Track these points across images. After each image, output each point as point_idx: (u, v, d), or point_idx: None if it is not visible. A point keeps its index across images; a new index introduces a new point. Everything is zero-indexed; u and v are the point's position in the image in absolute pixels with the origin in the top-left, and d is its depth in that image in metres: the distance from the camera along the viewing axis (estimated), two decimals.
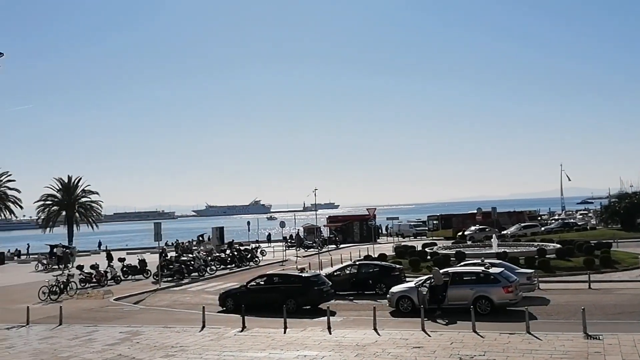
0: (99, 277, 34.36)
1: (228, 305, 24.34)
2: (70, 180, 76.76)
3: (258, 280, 25.06)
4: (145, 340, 17.45)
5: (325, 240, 61.53)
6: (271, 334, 17.67)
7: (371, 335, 16.94)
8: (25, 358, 15.89)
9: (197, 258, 39.84)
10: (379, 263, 30.11)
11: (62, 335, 18.96)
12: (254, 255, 45.49)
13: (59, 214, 76.12)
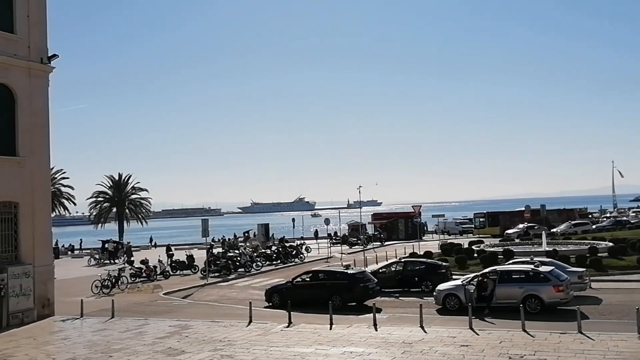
0: (149, 272, 35.17)
1: (274, 301, 24.58)
2: (121, 178, 78.67)
3: (304, 276, 25.21)
4: (194, 334, 17.76)
5: (370, 238, 61.40)
6: (317, 330, 17.75)
7: (418, 332, 16.83)
8: (79, 349, 16.39)
9: (243, 254, 40.35)
10: (425, 260, 29.88)
11: (114, 327, 19.47)
12: (299, 252, 45.77)
13: (110, 211, 78.11)
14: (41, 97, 22.97)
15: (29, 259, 21.82)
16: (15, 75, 21.93)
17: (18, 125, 22.06)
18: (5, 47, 21.62)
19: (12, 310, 20.32)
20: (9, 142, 21.84)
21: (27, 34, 22.44)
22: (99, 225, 77.95)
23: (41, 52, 22.91)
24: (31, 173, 22.37)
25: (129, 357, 15.18)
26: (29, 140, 22.32)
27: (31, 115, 22.44)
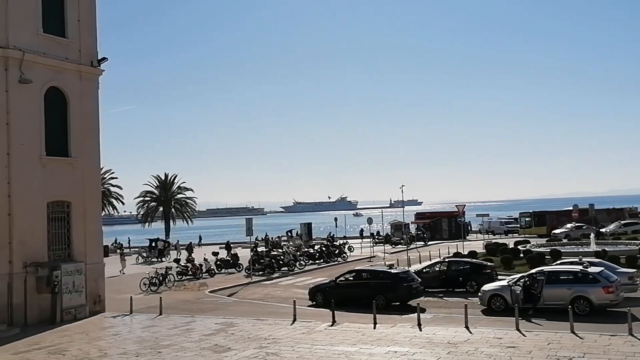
0: (195, 270, 35.79)
1: (318, 300, 24.70)
2: (167, 178, 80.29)
3: (347, 275, 25.26)
4: (240, 332, 18.02)
5: (412, 237, 61.01)
6: (361, 329, 17.78)
7: (463, 333, 16.68)
8: (129, 345, 16.84)
9: (287, 253, 40.66)
10: (470, 260, 29.54)
11: (162, 324, 19.91)
12: (342, 251, 45.84)
13: (157, 210, 79.81)
14: (91, 99, 23.66)
15: (81, 256, 22.52)
16: (67, 78, 22.66)
17: (70, 127, 22.79)
18: (58, 51, 22.35)
19: (65, 306, 21.01)
20: (62, 144, 22.58)
21: (77, 38, 23.14)
22: (146, 224, 79.74)
23: (91, 56, 23.60)
24: (82, 173, 23.07)
25: (177, 353, 15.51)
26: (80, 142, 23.02)
27: (82, 117, 23.14)
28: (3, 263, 20.12)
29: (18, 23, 20.94)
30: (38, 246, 21.22)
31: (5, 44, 20.49)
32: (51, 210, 22.01)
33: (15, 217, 20.51)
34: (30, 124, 21.25)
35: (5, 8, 20.59)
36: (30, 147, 21.21)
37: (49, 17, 22.14)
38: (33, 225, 21.09)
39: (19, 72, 20.72)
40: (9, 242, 20.31)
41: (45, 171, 21.69)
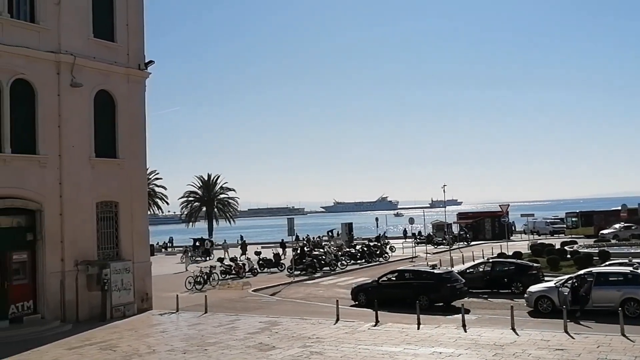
0: (238, 269, 36.24)
1: (360, 300, 24.71)
2: (210, 178, 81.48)
3: (389, 275, 25.20)
4: (284, 331, 18.18)
5: (455, 237, 60.36)
6: (405, 330, 17.72)
7: (509, 335, 16.44)
8: (177, 342, 17.17)
9: (328, 253, 40.76)
10: (515, 261, 29.07)
11: (207, 322, 20.23)
12: (383, 251, 45.70)
13: (200, 210, 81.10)
14: (138, 102, 24.21)
15: (128, 255, 23.08)
16: (116, 81, 23.24)
17: (118, 129, 23.37)
18: (107, 55, 22.95)
19: (114, 303, 21.56)
20: (110, 145, 23.17)
21: (126, 42, 23.72)
22: (189, 224, 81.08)
23: (139, 59, 24.14)
24: (130, 174, 23.63)
25: (222, 351, 15.75)
26: (128, 143, 23.58)
27: (129, 119, 23.70)
28: (56, 261, 20.78)
29: (70, 29, 21.59)
30: (88, 245, 21.84)
31: (57, 49, 21.16)
32: (100, 210, 22.63)
33: (66, 216, 21.16)
34: (81, 126, 21.88)
35: (57, 15, 21.26)
36: (81, 149, 21.83)
37: (99, 22, 22.75)
38: (83, 224, 21.72)
39: (71, 76, 21.36)
40: (61, 241, 20.95)
41: (94, 172, 22.31)
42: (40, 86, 20.70)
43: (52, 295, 20.57)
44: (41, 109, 20.72)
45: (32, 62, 20.50)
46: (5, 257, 19.54)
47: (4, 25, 19.81)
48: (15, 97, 20.03)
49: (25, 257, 20.21)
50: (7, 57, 19.71)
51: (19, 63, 20.11)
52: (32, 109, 20.59)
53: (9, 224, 20.04)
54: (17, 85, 20.12)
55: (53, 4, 21.20)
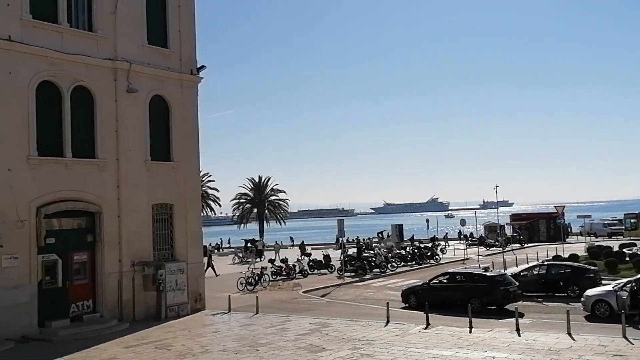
0: (288, 270, 36.55)
1: (411, 302, 24.58)
2: (261, 180, 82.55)
3: (440, 278, 24.97)
4: (334, 332, 18.25)
5: (508, 239, 59.23)
6: (456, 333, 17.53)
7: (565, 339, 16.05)
8: (229, 342, 17.48)
9: (378, 254, 40.65)
10: (571, 264, 28.34)
11: (259, 323, 20.49)
12: (434, 253, 45.28)
13: (251, 211, 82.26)
14: (191, 106, 24.76)
15: (182, 256, 23.62)
16: (169, 86, 23.85)
17: (172, 132, 23.96)
18: (161, 61, 23.58)
19: (169, 303, 22.10)
20: (164, 149, 23.77)
21: (178, 48, 24.31)
22: (241, 225, 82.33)
23: (191, 64, 24.71)
24: (183, 177, 24.19)
25: (274, 351, 15.94)
26: (181, 147, 24.15)
27: (183, 123, 24.27)
28: (113, 262, 21.47)
29: (125, 36, 22.29)
30: (144, 246, 22.48)
31: (114, 56, 21.88)
32: (156, 212, 23.25)
33: (123, 218, 21.83)
34: (136, 130, 22.54)
35: (114, 23, 21.99)
36: (137, 153, 22.49)
37: (152, 30, 23.40)
38: (140, 226, 22.37)
39: (127, 82, 22.04)
40: (119, 242, 21.63)
41: (149, 175, 22.93)
42: (98, 92, 21.44)
43: (110, 295, 21.27)
44: (99, 114, 21.45)
45: (91, 70, 21.26)
46: (67, 258, 20.31)
47: (64, 35, 20.61)
48: (75, 103, 20.79)
49: (85, 258, 20.95)
50: (67, 65, 20.51)
51: (79, 70, 20.88)
52: (91, 115, 21.34)
53: (70, 225, 20.81)
54: (76, 92, 20.88)
55: (109, 13, 21.93)
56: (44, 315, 19.29)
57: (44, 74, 19.87)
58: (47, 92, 20.09)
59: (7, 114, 18.81)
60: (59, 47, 20.29)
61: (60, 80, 20.38)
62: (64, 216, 20.43)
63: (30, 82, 19.47)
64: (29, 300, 18.94)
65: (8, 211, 18.60)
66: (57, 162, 20.15)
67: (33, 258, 19.18)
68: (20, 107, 19.21)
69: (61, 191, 20.14)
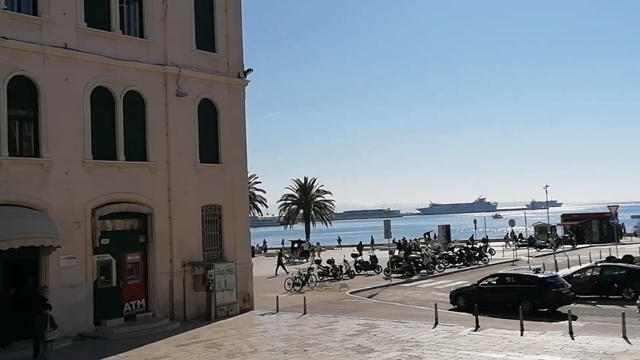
0: (335, 271, 36.61)
1: (459, 304, 24.29)
2: (307, 181, 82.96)
3: (490, 279, 24.58)
4: (382, 334, 18.20)
5: (559, 240, 57.81)
6: (507, 335, 17.24)
7: (620, 343, 15.59)
8: (277, 342, 17.65)
9: (425, 255, 40.30)
10: (626, 265, 27.44)
11: (306, 323, 20.61)
12: (482, 254, 44.61)
13: (297, 212, 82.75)
14: (239, 109, 25.12)
15: (231, 257, 23.98)
16: (217, 90, 24.25)
17: (220, 135, 24.36)
18: (209, 65, 24.01)
19: (219, 303, 22.47)
20: (213, 151, 24.18)
21: (226, 52, 24.70)
22: (287, 226, 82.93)
23: (238, 68, 25.06)
24: (231, 178, 24.55)
25: (322, 352, 16.02)
26: (229, 149, 24.52)
27: (230, 125, 24.64)
28: (165, 262, 21.97)
29: (175, 42, 22.80)
30: (194, 247, 22.92)
31: (164, 61, 22.40)
32: (205, 214, 23.67)
33: (174, 219, 22.32)
34: (186, 133, 23.00)
35: (164, 29, 22.52)
36: (186, 155, 22.95)
37: (200, 34, 23.85)
38: (190, 227, 22.82)
39: (176, 86, 22.54)
40: (170, 242, 22.12)
41: (199, 177, 23.37)
42: (149, 97, 21.99)
43: (162, 295, 21.76)
44: (150, 118, 22.00)
45: (142, 75, 21.82)
46: (120, 258, 20.90)
47: (116, 41, 21.23)
48: (127, 108, 21.38)
49: (137, 258, 21.50)
50: (120, 70, 21.13)
51: (130, 76, 21.47)
52: (142, 119, 21.90)
53: (123, 226, 21.41)
54: (128, 97, 21.47)
55: (160, 19, 22.47)
56: (99, 313, 19.92)
57: (98, 79, 20.52)
58: (101, 97, 20.74)
59: (63, 119, 19.51)
60: (112, 54, 20.92)
61: (113, 85, 21.01)
62: (117, 217, 21.03)
63: (85, 88, 20.14)
64: (85, 299, 19.59)
65: (65, 213, 19.28)
66: (111, 165, 20.78)
67: (89, 258, 19.82)
68: (76, 112, 19.90)
69: (115, 193, 20.75)
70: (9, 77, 18.36)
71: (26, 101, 19.01)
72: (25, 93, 18.92)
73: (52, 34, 19.42)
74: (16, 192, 18.27)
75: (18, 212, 17.92)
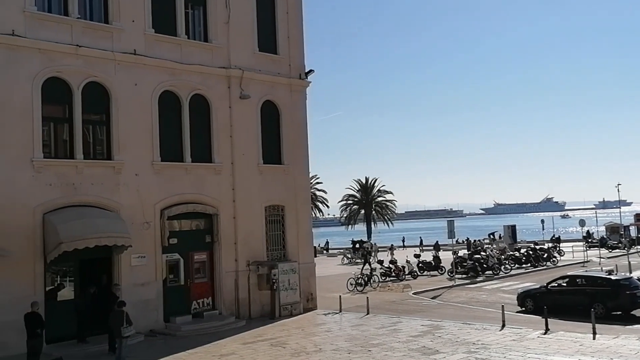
0: (398, 271, 36.35)
1: (527, 306, 23.68)
2: (368, 181, 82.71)
3: (559, 281, 23.84)
4: (447, 335, 17.95)
5: (633, 240, 55.36)
6: (578, 339, 16.66)
7: None
8: (341, 342, 17.68)
9: (491, 256, 39.45)
10: None
11: (370, 323, 20.55)
12: (550, 255, 43.27)
13: (359, 213, 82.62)
14: (300, 110, 25.33)
15: (294, 256, 24.21)
16: (279, 91, 24.54)
17: (282, 136, 24.65)
18: (271, 67, 24.33)
19: (282, 302, 22.72)
20: (275, 152, 24.49)
21: (287, 54, 24.96)
22: (348, 227, 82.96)
23: (300, 69, 25.28)
24: (294, 179, 24.78)
25: (386, 352, 15.94)
26: (291, 150, 24.77)
27: (292, 126, 24.88)
28: (230, 261, 22.40)
29: (238, 45, 23.22)
30: (258, 246, 23.27)
31: (227, 64, 22.86)
32: (268, 214, 23.99)
33: (239, 220, 22.73)
34: (249, 135, 23.38)
35: (227, 33, 22.98)
36: (250, 157, 23.33)
37: (263, 37, 24.20)
38: (254, 227, 23.19)
39: (240, 89, 22.95)
40: (235, 242, 22.55)
41: (262, 178, 23.71)
42: (213, 100, 22.48)
43: (228, 293, 22.21)
44: (215, 120, 22.49)
45: (207, 78, 22.33)
46: (188, 257, 21.46)
47: (182, 46, 21.82)
48: (192, 110, 21.94)
49: (204, 258, 22.03)
50: (186, 75, 21.70)
51: (196, 79, 22.02)
52: (207, 121, 22.41)
53: (190, 227, 21.98)
54: (194, 100, 22.03)
55: (223, 23, 22.93)
56: (169, 311, 20.53)
57: (165, 84, 21.15)
58: (168, 101, 21.37)
59: (133, 122, 20.21)
60: (178, 58, 21.52)
61: (179, 89, 21.60)
62: (184, 218, 21.61)
63: (153, 92, 20.81)
64: (156, 296, 20.24)
65: (135, 213, 19.97)
66: (178, 167, 21.37)
67: (158, 257, 20.47)
68: (145, 115, 20.58)
69: (182, 194, 21.33)
70: (82, 83, 19.20)
71: (98, 106, 19.81)
72: (98, 98, 19.71)
73: (122, 41, 20.17)
74: (90, 194, 19.08)
75: (92, 212, 18.71)
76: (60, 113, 19.22)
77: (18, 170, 17.70)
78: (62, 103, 19.09)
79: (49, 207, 18.17)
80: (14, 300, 16.71)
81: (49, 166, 18.33)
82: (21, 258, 17.36)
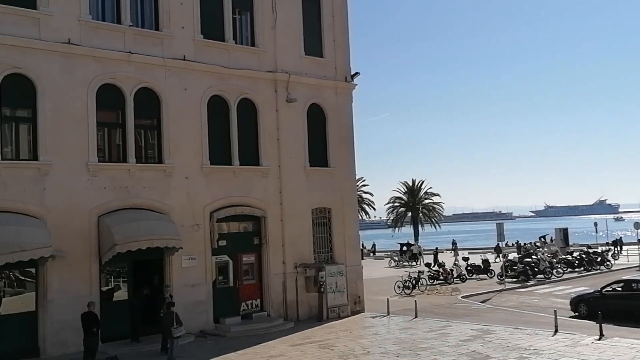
0: (446, 274, 35.92)
1: (580, 311, 23.06)
2: (414, 183, 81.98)
3: (614, 285, 23.13)
4: (497, 340, 17.64)
5: None
6: (635, 345, 16.13)
7: None
8: (389, 345, 17.59)
9: (542, 260, 38.56)
10: None
11: (418, 327, 20.38)
12: (604, 259, 42.00)
13: (405, 215, 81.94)
14: (346, 113, 25.35)
15: (341, 259, 24.23)
16: (325, 94, 24.63)
17: (328, 139, 24.72)
18: (317, 71, 24.45)
19: (330, 305, 22.76)
20: (321, 155, 24.57)
21: (333, 57, 25.03)
22: (395, 229, 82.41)
23: (345, 72, 25.32)
24: (340, 182, 24.82)
25: (435, 357, 15.78)
26: (337, 152, 24.81)
27: (338, 129, 24.92)
28: (278, 263, 22.60)
29: (284, 49, 23.43)
30: (305, 248, 23.39)
31: (274, 68, 23.09)
32: (315, 216, 24.09)
33: (286, 222, 22.90)
34: (296, 138, 23.54)
35: (273, 37, 23.22)
36: (296, 159, 23.49)
37: (308, 40, 24.34)
38: (301, 229, 23.32)
39: (286, 92, 23.16)
40: (282, 244, 22.74)
41: (308, 180, 23.83)
42: (260, 103, 22.73)
43: (276, 295, 22.40)
44: (262, 124, 22.73)
45: (254, 82, 22.61)
46: (236, 259, 21.76)
47: (230, 51, 22.16)
48: (240, 114, 22.24)
49: (252, 260, 22.29)
50: (234, 79, 22.02)
51: (243, 84, 22.32)
52: (254, 125, 22.67)
53: (238, 229, 22.29)
54: (241, 104, 22.32)
55: (270, 28, 23.19)
56: (218, 312, 20.85)
57: (213, 88, 21.51)
58: (216, 105, 21.72)
59: (183, 126, 20.64)
60: (226, 63, 21.86)
61: (227, 93, 21.93)
62: (232, 220, 21.91)
63: (202, 97, 21.19)
64: (206, 298, 20.59)
65: (186, 216, 20.38)
66: (226, 170, 21.69)
67: (208, 259, 20.82)
68: (194, 120, 20.99)
69: (230, 197, 21.64)
70: (134, 89, 19.72)
71: (150, 111, 20.31)
72: (149, 103, 20.21)
73: (172, 47, 20.63)
74: (142, 197, 19.57)
75: (145, 215, 19.19)
76: (113, 118, 19.81)
77: (74, 175, 18.31)
78: (115, 108, 19.67)
79: (103, 210, 18.73)
80: (71, 300, 17.34)
81: (103, 170, 18.90)
82: (78, 259, 17.96)
